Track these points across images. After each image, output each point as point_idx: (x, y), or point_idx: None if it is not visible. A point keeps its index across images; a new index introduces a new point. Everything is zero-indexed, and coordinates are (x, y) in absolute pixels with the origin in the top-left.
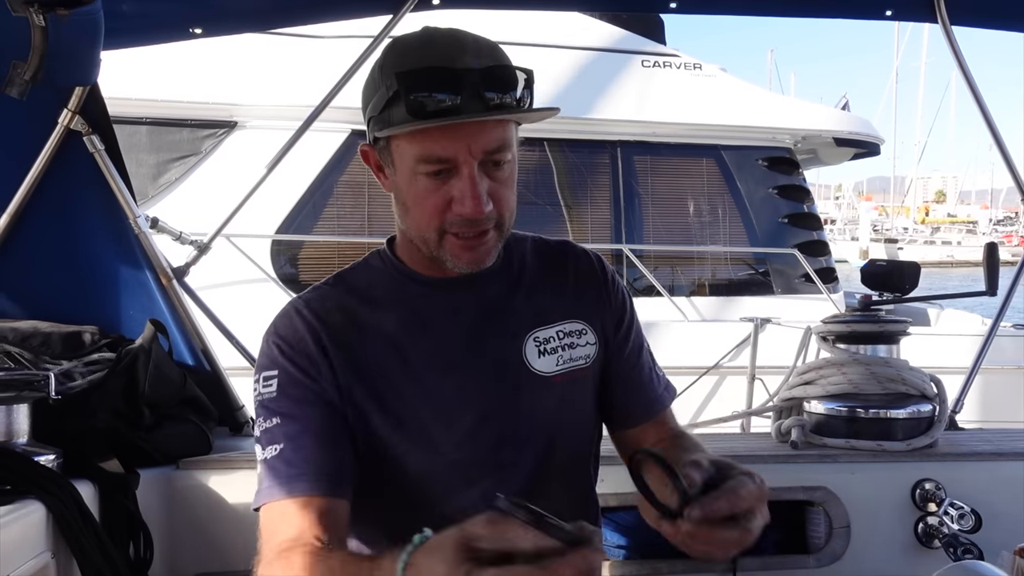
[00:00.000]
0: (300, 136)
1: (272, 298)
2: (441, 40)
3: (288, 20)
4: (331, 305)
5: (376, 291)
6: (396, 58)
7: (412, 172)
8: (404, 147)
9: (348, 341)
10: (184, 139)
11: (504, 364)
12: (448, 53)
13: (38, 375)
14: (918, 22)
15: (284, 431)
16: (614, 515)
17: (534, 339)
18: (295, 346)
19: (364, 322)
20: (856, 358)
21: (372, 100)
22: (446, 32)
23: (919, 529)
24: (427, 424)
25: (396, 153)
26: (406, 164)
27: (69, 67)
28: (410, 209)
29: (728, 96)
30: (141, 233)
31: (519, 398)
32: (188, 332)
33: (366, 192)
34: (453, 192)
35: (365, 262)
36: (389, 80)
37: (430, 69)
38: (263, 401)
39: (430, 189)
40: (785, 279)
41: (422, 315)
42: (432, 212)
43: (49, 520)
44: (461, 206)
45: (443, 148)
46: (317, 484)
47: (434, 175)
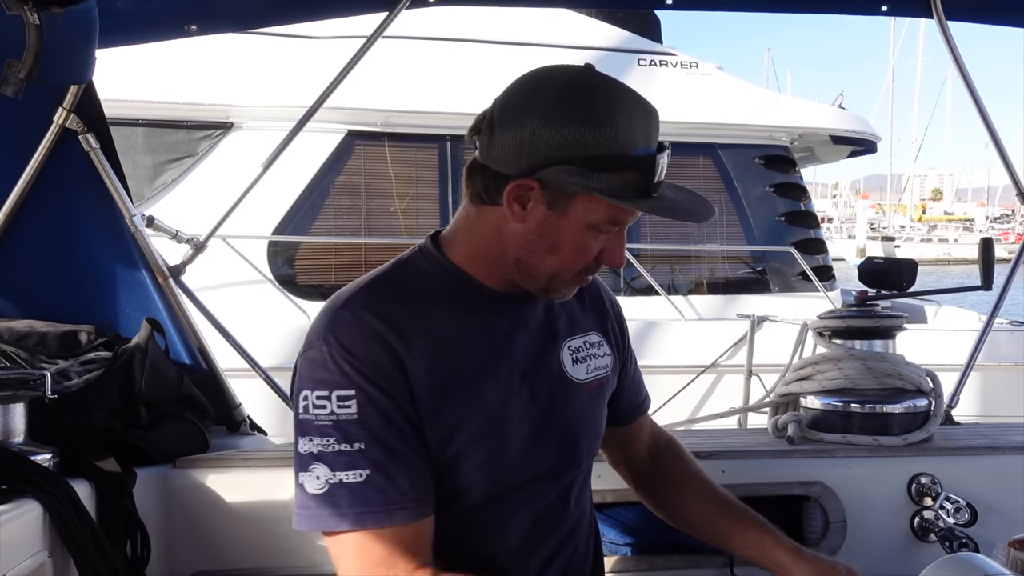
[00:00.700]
0: (295, 135)
1: (269, 300)
2: (650, 107)
3: (283, 18)
4: (393, 310)
5: (432, 295)
6: (627, 117)
7: (589, 226)
8: (596, 207)
9: (418, 346)
10: (180, 140)
11: (549, 372)
12: (657, 126)
13: (34, 374)
14: (913, 17)
15: (369, 456)
16: (611, 511)
17: (568, 347)
18: (367, 360)
19: (428, 326)
20: (852, 353)
21: (578, 140)
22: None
23: (915, 523)
24: (496, 432)
25: (579, 206)
26: (586, 219)
27: (64, 65)
28: (561, 252)
29: (724, 94)
30: (137, 232)
31: (565, 405)
32: (185, 331)
33: (363, 193)
34: (607, 245)
35: (408, 262)
36: (624, 146)
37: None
38: (340, 422)
39: (594, 241)
40: (782, 277)
41: (483, 322)
42: (586, 259)
43: (46, 519)
44: (612, 258)
45: (632, 216)
46: (413, 511)
47: (604, 232)
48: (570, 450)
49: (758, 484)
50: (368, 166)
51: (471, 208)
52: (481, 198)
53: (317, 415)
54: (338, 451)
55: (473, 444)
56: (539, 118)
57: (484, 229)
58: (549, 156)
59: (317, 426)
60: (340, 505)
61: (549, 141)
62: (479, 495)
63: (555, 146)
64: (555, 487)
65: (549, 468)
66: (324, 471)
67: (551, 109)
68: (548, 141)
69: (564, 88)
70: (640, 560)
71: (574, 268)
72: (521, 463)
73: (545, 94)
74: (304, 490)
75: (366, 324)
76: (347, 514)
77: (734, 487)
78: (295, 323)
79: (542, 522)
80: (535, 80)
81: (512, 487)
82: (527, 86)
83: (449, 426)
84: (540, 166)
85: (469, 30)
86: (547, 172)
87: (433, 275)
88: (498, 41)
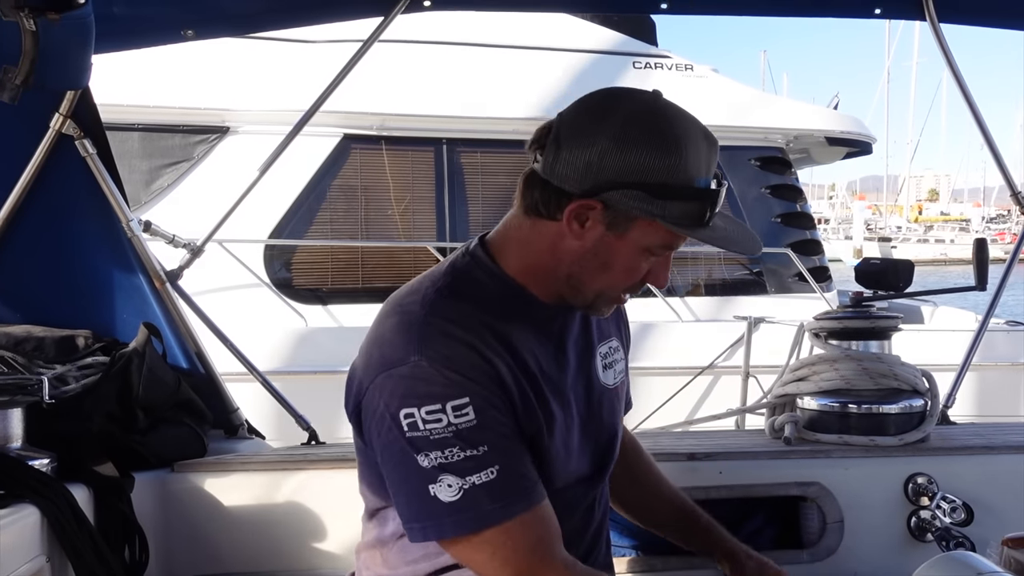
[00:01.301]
0: (292, 139)
1: (266, 304)
2: (713, 139)
3: (279, 22)
4: (471, 321)
5: (493, 306)
6: (695, 149)
7: (644, 249)
8: (655, 232)
9: (502, 355)
10: (176, 145)
11: (588, 380)
12: (716, 156)
13: (31, 379)
14: (907, 20)
15: (495, 454)
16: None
17: (599, 354)
18: (471, 367)
19: (502, 336)
20: (848, 354)
21: (647, 167)
22: (708, 131)
23: (912, 523)
24: (562, 433)
25: (638, 230)
26: (642, 242)
27: (60, 71)
28: (613, 271)
29: (720, 97)
30: (134, 236)
31: (601, 411)
32: (182, 335)
33: (359, 196)
34: (654, 268)
35: (464, 272)
36: (690, 175)
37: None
38: (460, 431)
39: (645, 263)
40: (779, 278)
41: (539, 334)
42: (634, 279)
43: (43, 524)
44: (657, 280)
45: (681, 242)
46: (541, 492)
47: (655, 255)
48: (608, 452)
49: (755, 485)
50: (364, 169)
51: (525, 220)
52: (538, 211)
53: (432, 430)
54: (464, 457)
55: (537, 452)
56: (610, 140)
57: (539, 243)
58: (616, 179)
59: (434, 440)
60: (481, 504)
61: (618, 165)
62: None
63: (623, 170)
64: (594, 490)
65: (592, 471)
66: (454, 479)
67: (622, 133)
68: (617, 164)
69: (636, 113)
70: (638, 561)
71: (621, 287)
72: (570, 468)
73: (617, 117)
74: (438, 501)
75: (456, 334)
76: (491, 509)
77: (731, 488)
78: (292, 327)
79: (580, 524)
80: (606, 101)
81: (559, 488)
82: (598, 106)
83: (529, 429)
84: (606, 188)
85: (465, 33)
86: (612, 195)
87: (490, 286)
88: (494, 44)
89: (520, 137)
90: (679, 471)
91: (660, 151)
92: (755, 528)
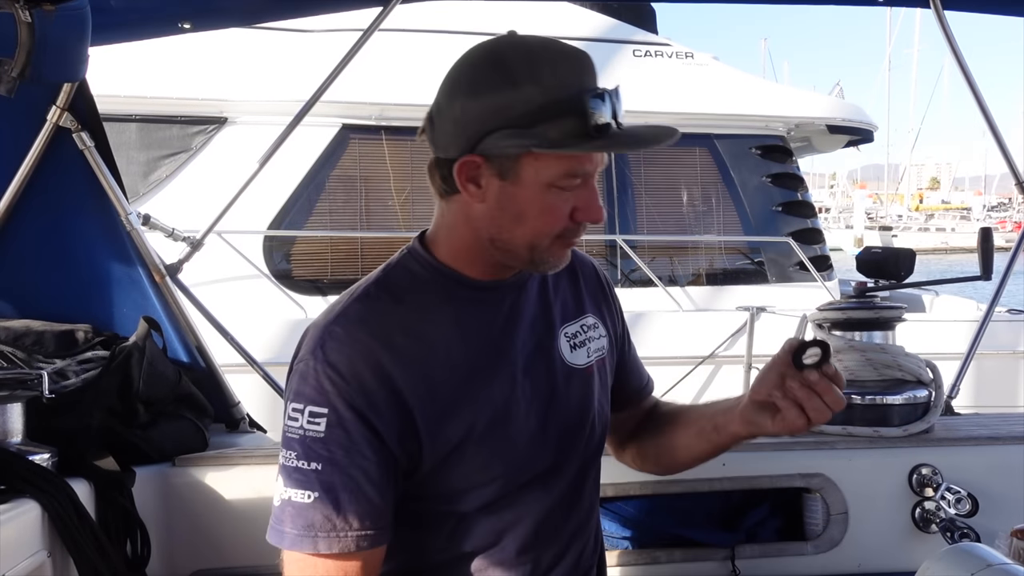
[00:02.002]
0: (291, 131)
1: (266, 295)
2: (574, 52)
3: (277, 13)
4: (386, 320)
5: (425, 297)
6: (550, 68)
7: (547, 185)
8: (548, 163)
9: (412, 357)
10: (174, 136)
11: (552, 361)
12: (591, 68)
13: (31, 374)
14: (910, 7)
15: (323, 479)
16: (613, 505)
17: (564, 334)
18: (351, 381)
19: (422, 332)
20: (852, 345)
21: (505, 104)
22: (571, 47)
23: (916, 514)
24: (503, 428)
25: (528, 167)
26: (541, 178)
27: (56, 63)
28: (529, 219)
29: (720, 85)
30: (133, 230)
31: (568, 393)
32: (182, 329)
33: (358, 187)
34: (577, 202)
35: (401, 265)
36: (553, 96)
37: (603, 92)
38: (305, 438)
39: (560, 200)
40: (779, 267)
41: (479, 319)
42: (558, 221)
43: (44, 519)
44: (588, 214)
45: (592, 164)
46: (355, 543)
47: (566, 188)
48: (578, 437)
49: (759, 476)
50: (363, 160)
51: (442, 204)
52: (445, 190)
53: (289, 427)
54: (295, 467)
55: (481, 444)
56: (465, 94)
57: (455, 219)
58: (482, 127)
59: (287, 438)
60: (284, 522)
61: (478, 113)
62: (492, 492)
63: (485, 116)
64: (565, 477)
65: (559, 458)
66: (280, 485)
67: (473, 81)
68: (477, 113)
69: (482, 58)
70: (641, 554)
71: (549, 233)
72: (531, 457)
73: (466, 69)
74: (275, 500)
75: (357, 340)
76: (287, 533)
77: (735, 480)
78: (292, 318)
79: (555, 514)
80: (458, 60)
81: (524, 482)
82: (450, 72)
83: (455, 429)
84: (478, 139)
85: (463, 22)
86: (485, 144)
87: (424, 276)
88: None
89: None
90: None
91: (511, 84)
92: (759, 520)
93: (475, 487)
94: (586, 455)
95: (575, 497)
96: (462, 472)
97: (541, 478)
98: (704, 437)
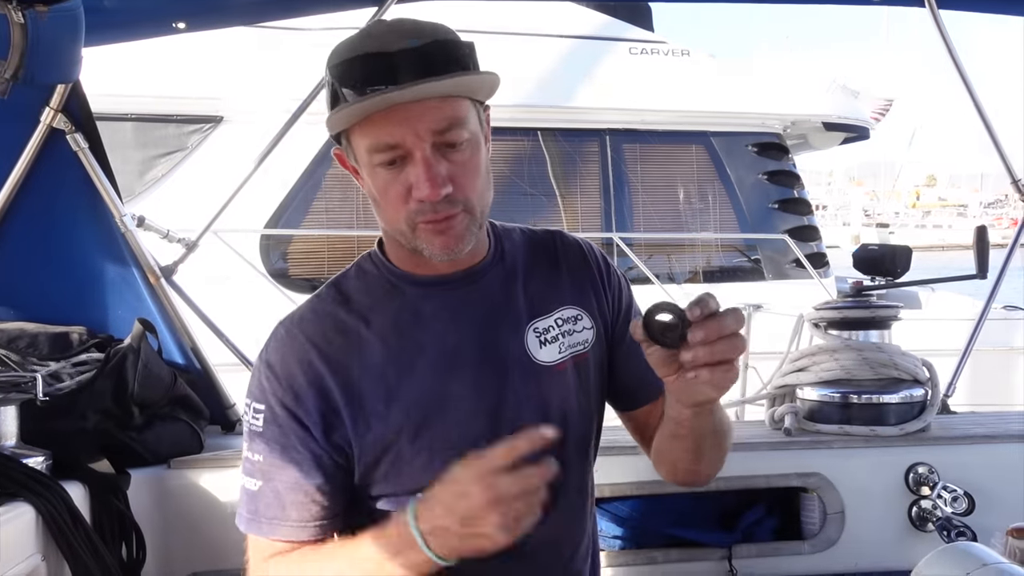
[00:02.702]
0: (287, 130)
1: (263, 293)
2: (378, 29)
3: (272, 14)
4: (327, 323)
5: (373, 298)
6: (335, 54)
7: (370, 165)
8: (358, 141)
9: (343, 356)
10: (170, 135)
11: (510, 358)
12: (384, 39)
13: (25, 377)
14: (906, 6)
15: (263, 470)
16: (609, 505)
17: (534, 330)
18: (283, 380)
19: (363, 335)
20: (848, 344)
21: (328, 97)
22: (388, 22)
23: (913, 513)
24: (442, 428)
25: (355, 150)
26: (363, 159)
27: (50, 65)
28: (379, 203)
29: (716, 82)
30: (128, 232)
31: (528, 392)
32: (177, 331)
33: (355, 185)
34: (411, 179)
35: (359, 267)
36: (328, 75)
37: (362, 56)
38: (250, 430)
39: (389, 180)
40: (776, 264)
41: (423, 317)
42: (396, 202)
43: (38, 522)
44: (418, 190)
45: (389, 134)
46: (294, 532)
47: (389, 164)
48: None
49: (756, 476)
50: None
51: None
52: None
53: (244, 419)
54: (245, 456)
55: (418, 444)
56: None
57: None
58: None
59: (245, 430)
60: (242, 505)
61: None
62: None
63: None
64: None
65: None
66: (243, 469)
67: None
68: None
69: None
70: (638, 554)
71: (399, 216)
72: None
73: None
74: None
75: (295, 342)
76: (242, 515)
77: (731, 479)
78: None
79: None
80: None
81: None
82: None
83: (384, 428)
84: (331, 130)
85: (459, 19)
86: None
87: (375, 276)
88: (488, 31)
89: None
90: None
91: (323, 79)
92: (756, 519)
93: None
94: (561, 457)
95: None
96: (407, 472)
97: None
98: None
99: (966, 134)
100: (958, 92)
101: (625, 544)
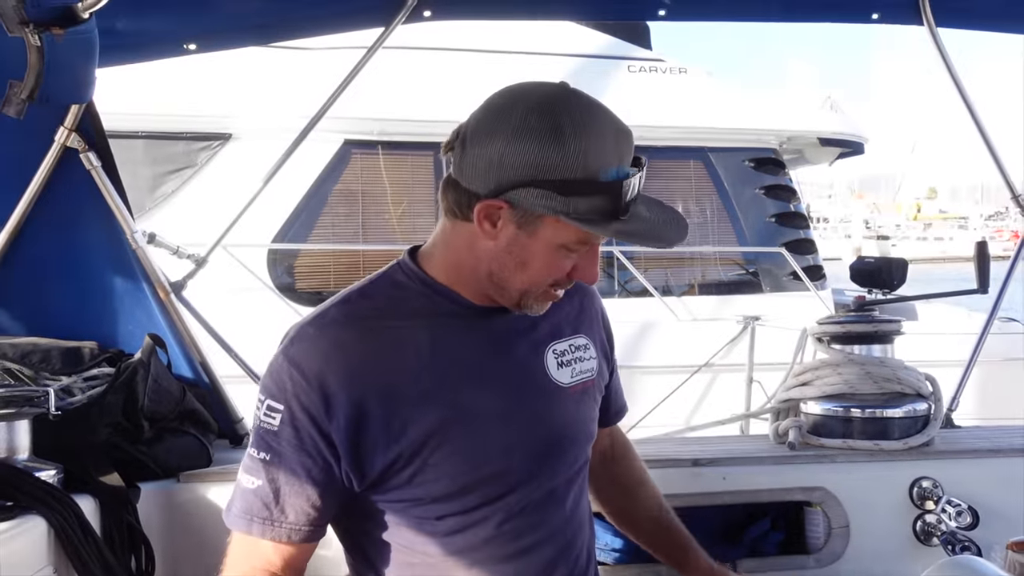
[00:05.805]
0: (296, 148)
1: (270, 307)
2: (622, 128)
3: (281, 35)
4: (359, 327)
5: (406, 306)
6: (598, 140)
7: (559, 247)
8: (565, 229)
9: (378, 361)
10: (179, 152)
11: (532, 377)
12: (630, 146)
13: (38, 391)
14: (904, 24)
15: (269, 471)
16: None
17: (553, 351)
18: (311, 381)
19: (398, 342)
20: (851, 358)
21: (546, 163)
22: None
23: (917, 527)
24: (468, 438)
25: (547, 228)
26: (556, 240)
27: (65, 85)
28: (531, 269)
29: (714, 99)
30: (139, 248)
31: (549, 409)
32: (187, 346)
33: (359, 200)
34: (580, 263)
35: (389, 277)
36: (593, 170)
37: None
38: (260, 428)
39: (565, 260)
40: (773, 278)
41: (455, 331)
42: (556, 275)
43: (50, 535)
44: (585, 274)
45: (597, 238)
46: (286, 535)
47: (574, 251)
48: (553, 455)
49: (760, 491)
50: (365, 174)
51: (447, 223)
52: (455, 213)
53: (254, 415)
54: (249, 454)
55: (448, 452)
56: (507, 138)
57: (458, 243)
58: (517, 178)
59: (253, 428)
60: (233, 503)
61: (517, 162)
62: (465, 503)
63: (523, 167)
64: (544, 491)
65: (536, 473)
66: (243, 466)
67: (519, 128)
68: (516, 162)
69: (533, 107)
70: (630, 568)
71: (545, 284)
72: (505, 471)
73: (515, 113)
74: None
75: (325, 343)
76: (231, 512)
77: (736, 494)
78: None
79: (536, 529)
80: (507, 97)
81: (499, 495)
82: (498, 104)
83: (416, 434)
84: (509, 187)
85: (462, 39)
86: (515, 193)
87: (409, 288)
88: (491, 50)
89: None
90: (683, 477)
91: (557, 145)
92: (760, 534)
93: (445, 493)
94: (569, 472)
95: (558, 511)
96: (432, 478)
97: (519, 492)
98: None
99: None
100: (958, 106)
101: (627, 558)
